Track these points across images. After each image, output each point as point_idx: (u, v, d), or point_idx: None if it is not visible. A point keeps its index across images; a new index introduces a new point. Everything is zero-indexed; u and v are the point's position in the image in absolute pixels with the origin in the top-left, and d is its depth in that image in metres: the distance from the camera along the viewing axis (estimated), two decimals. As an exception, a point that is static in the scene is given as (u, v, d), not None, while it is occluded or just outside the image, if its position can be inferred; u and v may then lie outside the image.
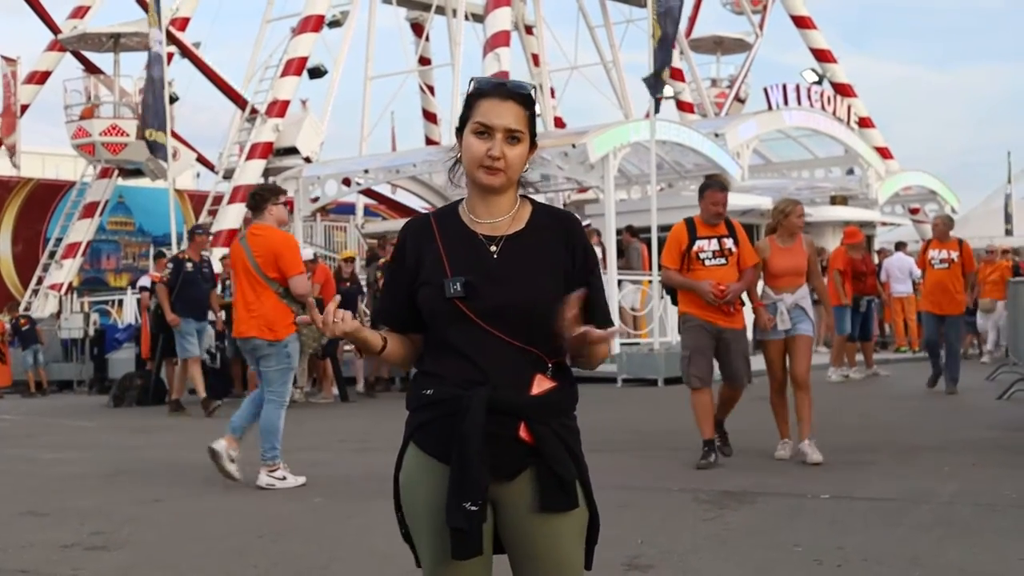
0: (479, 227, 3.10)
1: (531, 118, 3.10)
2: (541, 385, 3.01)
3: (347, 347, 17.14)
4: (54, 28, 30.75)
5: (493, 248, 3.07)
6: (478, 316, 3.00)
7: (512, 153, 3.05)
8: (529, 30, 34.34)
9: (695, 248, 9.04)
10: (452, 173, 3.21)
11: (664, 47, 18.89)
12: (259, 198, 9.37)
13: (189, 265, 16.02)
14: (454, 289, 3.00)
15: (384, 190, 29.13)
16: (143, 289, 20.07)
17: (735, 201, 22.37)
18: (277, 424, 8.98)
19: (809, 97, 26.09)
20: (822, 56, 36.83)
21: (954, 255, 14.28)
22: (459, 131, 3.12)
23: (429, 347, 3.09)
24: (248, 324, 9.24)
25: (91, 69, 31.22)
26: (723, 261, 9.03)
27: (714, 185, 9.25)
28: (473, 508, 2.90)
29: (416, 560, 3.15)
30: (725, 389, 9.42)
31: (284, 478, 8.96)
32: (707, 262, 9.02)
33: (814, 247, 9.85)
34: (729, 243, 9.08)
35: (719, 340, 9.08)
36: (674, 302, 9.57)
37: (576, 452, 3.05)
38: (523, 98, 3.09)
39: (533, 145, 3.13)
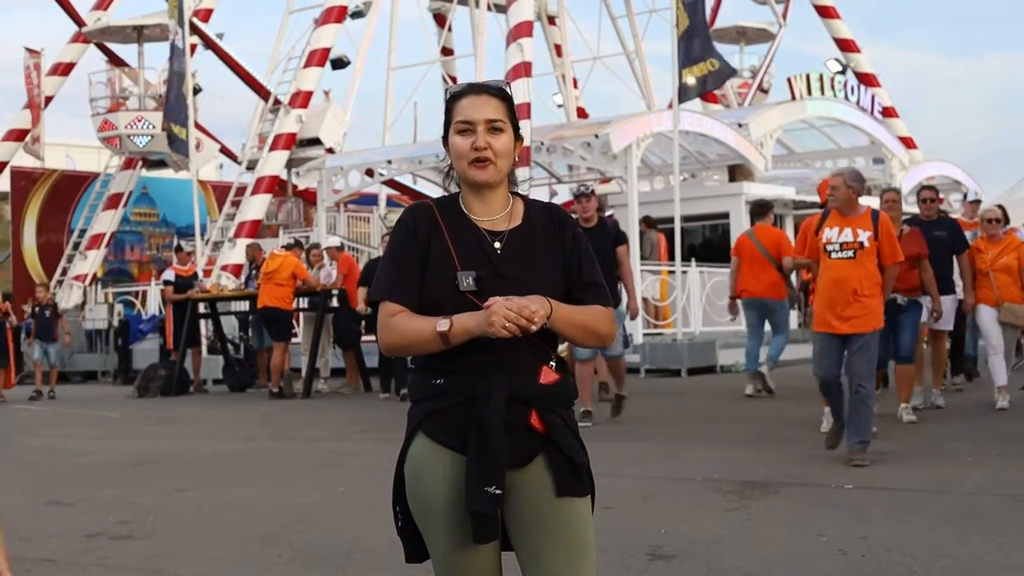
0: (479, 223, 3.13)
1: (510, 111, 3.14)
2: (548, 376, 3.07)
3: (367, 338, 17.13)
4: (78, 20, 30.83)
5: (497, 244, 3.10)
6: None
7: (497, 143, 3.09)
8: (552, 20, 34.25)
9: None
10: (447, 180, 3.23)
11: (691, 36, 18.88)
12: (766, 207, 13.95)
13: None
14: (467, 283, 3.02)
15: (407, 180, 29.09)
16: (167, 283, 20.06)
17: (758, 191, 22.45)
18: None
19: (833, 87, 25.98)
20: (845, 46, 36.62)
21: (864, 236, 8.54)
22: (444, 139, 3.16)
23: None
24: (761, 289, 13.41)
25: (115, 61, 31.32)
26: None
27: None
28: (497, 492, 2.93)
29: (407, 555, 3.18)
30: None
31: None
32: None
33: None
34: None
35: None
36: None
37: (581, 440, 3.12)
38: (499, 91, 3.15)
39: (519, 139, 3.17)
